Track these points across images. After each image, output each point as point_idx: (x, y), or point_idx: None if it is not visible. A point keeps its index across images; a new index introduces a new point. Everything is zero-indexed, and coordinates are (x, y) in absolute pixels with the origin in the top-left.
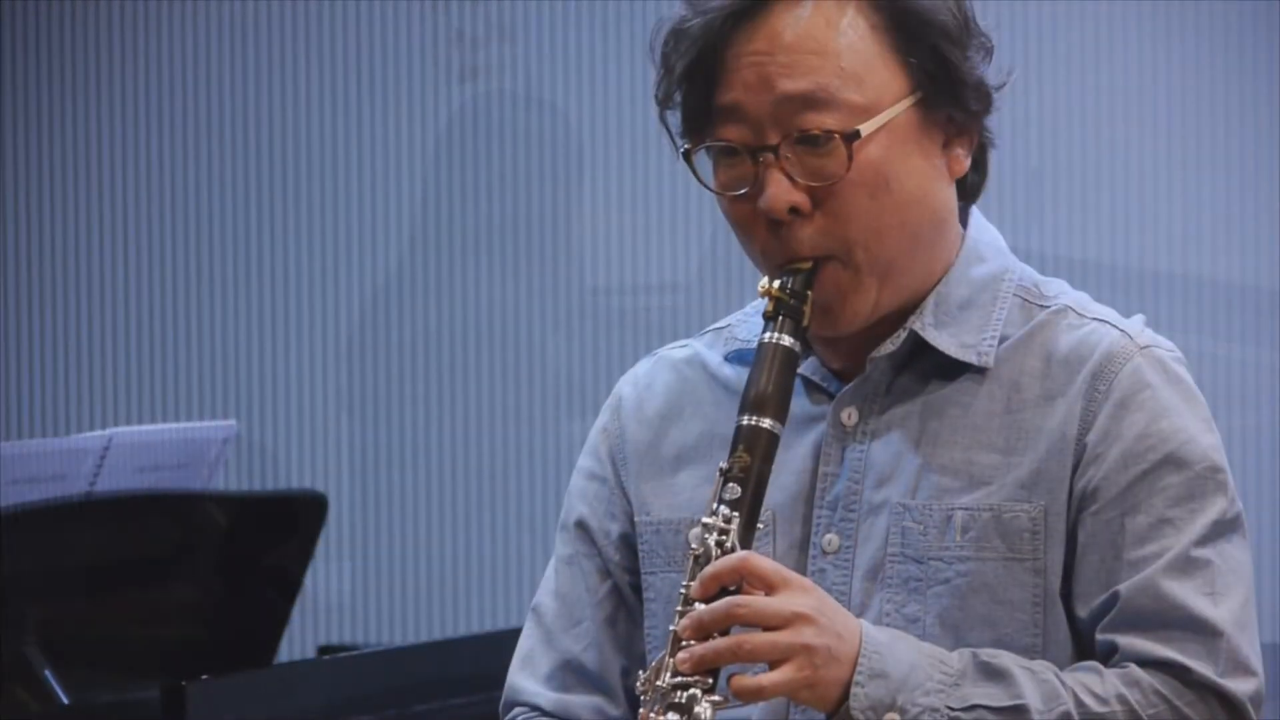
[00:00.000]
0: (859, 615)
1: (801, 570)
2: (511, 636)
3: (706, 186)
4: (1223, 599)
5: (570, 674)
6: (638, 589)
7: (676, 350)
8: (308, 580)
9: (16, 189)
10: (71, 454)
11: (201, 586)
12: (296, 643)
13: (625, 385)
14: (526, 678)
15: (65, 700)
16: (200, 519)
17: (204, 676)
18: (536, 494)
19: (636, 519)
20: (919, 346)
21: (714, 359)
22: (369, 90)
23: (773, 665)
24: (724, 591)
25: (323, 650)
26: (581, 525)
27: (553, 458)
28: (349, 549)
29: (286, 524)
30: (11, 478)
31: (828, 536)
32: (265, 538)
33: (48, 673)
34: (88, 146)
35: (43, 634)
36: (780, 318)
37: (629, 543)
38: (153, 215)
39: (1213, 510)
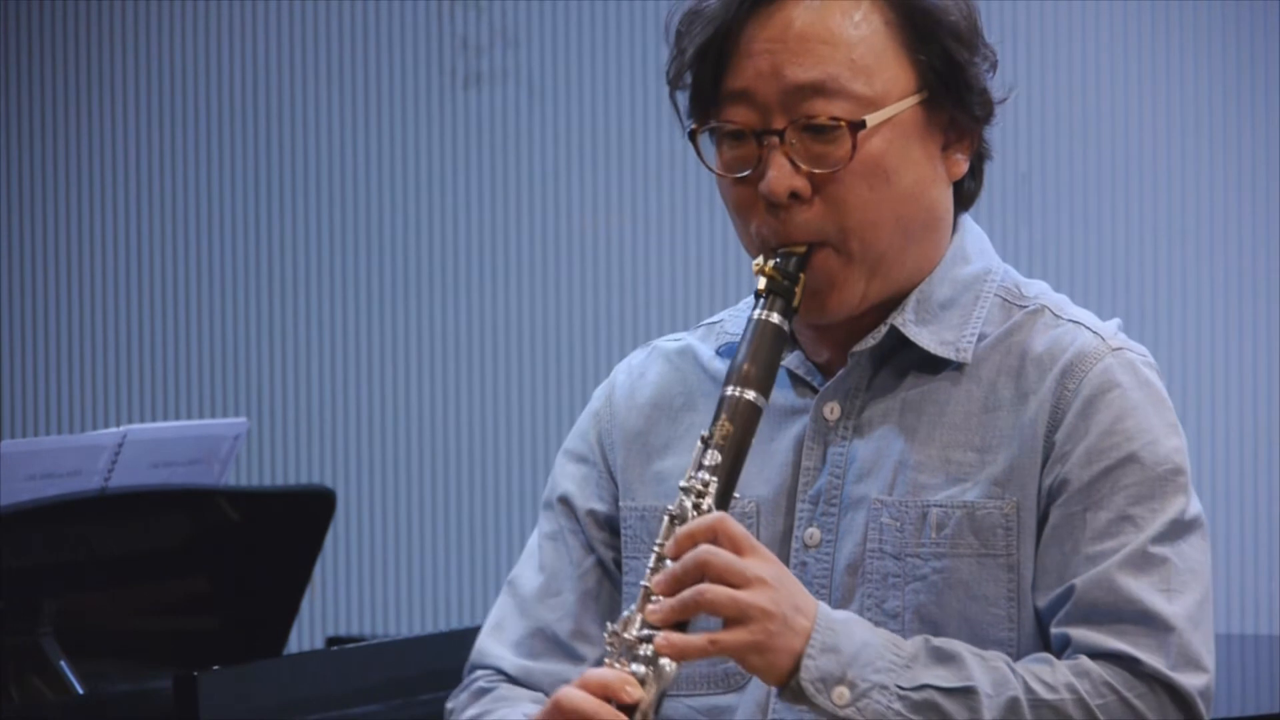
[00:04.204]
0: (841, 609)
1: (784, 563)
2: None
3: (709, 167)
4: (1177, 596)
5: (541, 641)
6: (620, 564)
7: (671, 342)
8: (317, 573)
9: (33, 190)
10: (87, 450)
11: (213, 579)
12: (306, 634)
13: (619, 373)
14: (494, 642)
15: (80, 690)
16: (212, 514)
17: (215, 667)
18: (543, 488)
19: (621, 503)
20: (900, 342)
21: (706, 352)
22: (375, 95)
23: (728, 624)
24: None
25: (331, 641)
26: (566, 502)
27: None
28: (357, 542)
29: (296, 518)
30: (29, 473)
31: (809, 531)
32: (275, 532)
33: (63, 663)
34: (103, 147)
35: (58, 625)
36: (771, 296)
37: (612, 524)
38: (165, 218)
39: (1172, 509)
